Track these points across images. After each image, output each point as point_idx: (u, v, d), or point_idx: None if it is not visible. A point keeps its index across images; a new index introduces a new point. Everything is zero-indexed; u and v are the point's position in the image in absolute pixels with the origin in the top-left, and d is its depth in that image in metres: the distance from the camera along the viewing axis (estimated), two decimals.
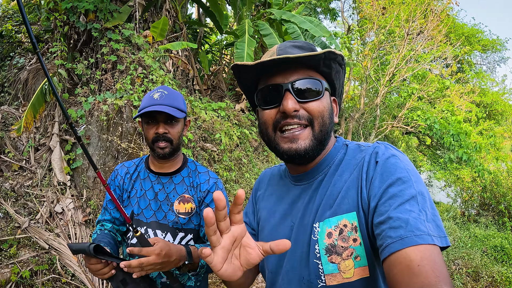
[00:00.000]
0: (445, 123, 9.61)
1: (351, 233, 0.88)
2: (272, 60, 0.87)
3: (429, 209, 0.79)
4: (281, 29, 6.52)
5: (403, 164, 0.87)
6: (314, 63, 0.94)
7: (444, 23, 10.66)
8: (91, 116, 4.54)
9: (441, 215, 10.27)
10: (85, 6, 4.78)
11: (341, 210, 0.90)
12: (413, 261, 0.70)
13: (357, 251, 0.86)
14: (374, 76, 11.01)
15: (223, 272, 0.73)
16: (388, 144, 0.96)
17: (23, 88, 5.94)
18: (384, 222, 0.79)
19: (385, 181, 0.85)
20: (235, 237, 0.74)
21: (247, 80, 1.02)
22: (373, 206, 0.84)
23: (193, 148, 4.79)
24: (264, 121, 0.98)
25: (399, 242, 0.73)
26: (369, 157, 0.93)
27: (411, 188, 0.81)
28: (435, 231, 0.75)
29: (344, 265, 0.87)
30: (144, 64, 4.84)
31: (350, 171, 0.95)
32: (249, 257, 0.76)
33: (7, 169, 4.71)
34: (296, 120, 0.92)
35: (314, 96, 0.94)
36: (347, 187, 0.92)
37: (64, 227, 4.22)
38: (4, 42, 7.23)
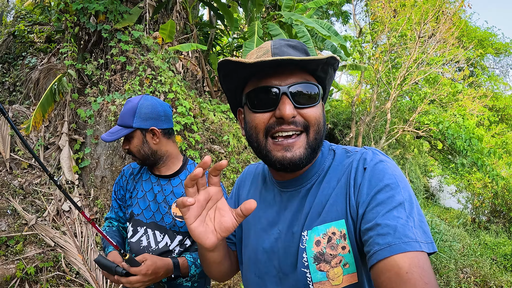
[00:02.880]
0: (457, 127, 9.49)
1: (340, 240, 0.87)
2: (274, 60, 0.81)
3: (416, 216, 0.78)
4: (292, 31, 6.50)
5: (391, 170, 0.86)
6: (313, 67, 0.90)
7: (456, 26, 10.53)
8: (99, 116, 4.58)
9: (451, 222, 10.13)
10: (96, 7, 4.82)
11: (329, 217, 0.89)
12: (401, 268, 0.70)
13: (345, 258, 0.86)
14: (385, 79, 10.93)
15: (195, 227, 0.79)
16: (376, 150, 0.95)
17: (34, 88, 6.03)
18: (372, 228, 0.78)
19: (373, 187, 0.84)
20: (210, 196, 0.81)
21: (235, 78, 0.94)
22: (361, 213, 0.83)
23: (201, 149, 4.79)
24: (254, 125, 0.91)
25: (387, 249, 0.73)
26: (356, 163, 0.91)
27: (399, 194, 0.80)
28: (422, 238, 0.74)
29: (333, 273, 0.86)
30: (153, 65, 4.87)
31: (338, 178, 0.92)
32: (223, 220, 0.81)
33: (16, 166, 4.77)
34: (293, 127, 0.87)
35: (311, 102, 0.89)
36: (335, 194, 0.90)
37: (70, 225, 4.26)
38: (16, 42, 7.35)
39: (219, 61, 0.88)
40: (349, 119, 11.82)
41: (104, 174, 4.49)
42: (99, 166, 4.53)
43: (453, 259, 5.92)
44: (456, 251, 6.38)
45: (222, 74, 0.95)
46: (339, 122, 12.52)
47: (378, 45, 11.21)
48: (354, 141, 10.71)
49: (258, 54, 0.94)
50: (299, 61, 0.83)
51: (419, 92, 11.20)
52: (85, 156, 4.68)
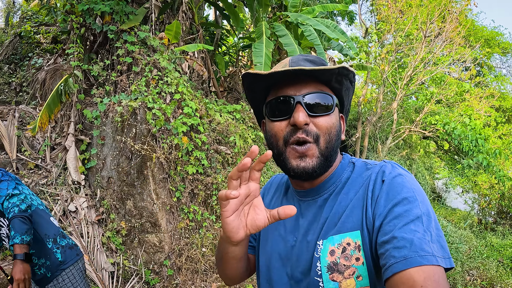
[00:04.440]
0: (463, 128, 9.42)
1: (354, 251, 0.87)
2: (285, 71, 0.86)
3: (434, 230, 0.78)
4: (297, 31, 6.48)
5: (410, 184, 0.86)
6: (327, 78, 0.93)
7: (462, 25, 10.46)
8: (106, 117, 4.58)
9: (458, 223, 10.07)
10: (101, 8, 4.83)
11: (345, 228, 0.89)
12: (416, 281, 0.70)
13: (359, 270, 0.86)
14: (391, 79, 10.87)
15: (230, 221, 0.82)
16: (395, 163, 0.95)
17: (40, 88, 6.05)
18: (388, 241, 0.78)
19: (390, 200, 0.84)
20: (250, 192, 0.83)
21: (256, 90, 1.00)
22: (378, 225, 0.83)
23: (207, 150, 4.78)
24: (274, 134, 0.95)
25: (403, 262, 0.73)
26: (375, 176, 0.91)
27: (416, 208, 0.81)
28: (439, 252, 0.74)
29: (346, 284, 0.86)
30: (159, 66, 4.86)
31: (356, 190, 0.93)
32: (256, 218, 0.83)
33: (23, 167, 4.78)
34: (304, 136, 0.90)
35: (324, 111, 0.92)
36: (352, 205, 0.91)
37: (77, 226, 4.27)
38: (23, 43, 7.38)
39: (242, 74, 0.94)
40: (355, 119, 11.77)
41: (111, 174, 4.49)
42: (106, 166, 4.54)
43: (460, 261, 5.87)
44: (463, 253, 6.33)
45: (245, 87, 1.02)
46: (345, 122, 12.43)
47: (384, 45, 11.16)
48: (360, 141, 10.67)
49: (277, 68, 0.97)
50: (310, 71, 0.87)
51: (425, 92, 11.14)
52: (91, 156, 4.68)
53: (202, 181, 4.64)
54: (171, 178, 4.50)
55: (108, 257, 4.20)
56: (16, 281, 1.99)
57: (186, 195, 4.58)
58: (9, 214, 2.10)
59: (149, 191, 4.37)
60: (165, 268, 4.31)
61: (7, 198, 2.14)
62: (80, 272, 2.37)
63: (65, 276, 2.28)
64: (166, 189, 4.48)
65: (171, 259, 4.37)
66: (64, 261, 2.29)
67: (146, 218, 4.36)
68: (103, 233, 4.38)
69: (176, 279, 4.28)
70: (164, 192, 4.46)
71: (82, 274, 2.40)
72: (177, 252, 4.40)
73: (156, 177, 4.41)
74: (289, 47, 5.36)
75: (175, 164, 4.49)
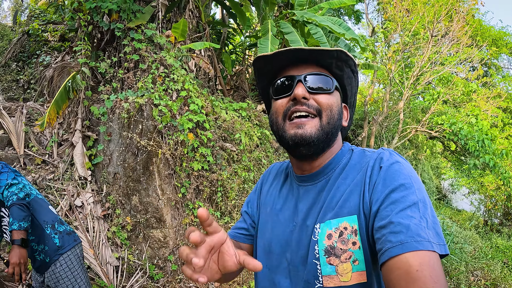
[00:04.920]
0: (470, 128, 9.36)
1: (351, 236, 0.88)
2: (287, 49, 0.93)
3: (430, 217, 0.79)
4: (304, 30, 6.48)
5: (407, 171, 0.88)
6: (327, 63, 0.98)
7: (469, 25, 10.39)
8: (112, 114, 4.62)
9: (463, 224, 10.01)
10: (109, 6, 4.87)
11: (342, 212, 0.91)
12: (412, 266, 0.71)
13: (355, 254, 0.88)
14: (398, 79, 10.83)
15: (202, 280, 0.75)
16: (393, 151, 0.97)
17: (48, 85, 6.11)
18: (385, 226, 0.79)
19: (388, 186, 0.85)
20: (212, 246, 0.74)
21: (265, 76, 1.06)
22: (375, 210, 0.85)
23: (213, 147, 4.81)
24: (275, 110, 1.01)
25: (399, 247, 0.74)
26: (373, 162, 0.93)
27: (413, 194, 0.82)
28: (435, 239, 0.75)
29: (342, 268, 0.88)
30: (165, 63, 4.90)
31: (354, 175, 0.95)
32: (226, 264, 0.77)
33: (30, 162, 4.84)
34: (305, 108, 0.94)
35: (323, 90, 0.97)
36: (349, 190, 0.93)
37: (82, 221, 4.31)
38: (31, 41, 7.46)
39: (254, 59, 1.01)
40: (362, 119, 11.73)
41: (117, 170, 4.53)
42: (112, 162, 4.58)
43: (464, 261, 5.85)
44: (467, 254, 6.31)
45: (256, 74, 1.08)
46: (351, 121, 12.38)
47: (390, 45, 11.12)
48: (367, 141, 10.64)
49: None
50: (309, 52, 0.94)
51: (432, 92, 11.07)
52: (98, 152, 4.73)
53: (207, 178, 4.67)
54: (177, 174, 4.53)
55: (113, 251, 4.24)
56: (11, 264, 2.09)
57: (191, 191, 4.61)
58: (8, 202, 2.20)
59: (154, 187, 4.40)
60: (169, 263, 4.35)
61: (6, 187, 2.25)
62: (77, 258, 2.45)
63: (62, 261, 2.36)
64: (172, 185, 4.51)
65: (175, 254, 4.40)
66: (62, 246, 2.38)
67: (151, 214, 4.40)
68: (108, 228, 4.42)
69: (180, 274, 4.31)
70: (170, 188, 4.49)
71: (80, 259, 2.48)
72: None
73: (161, 173, 4.44)
74: (295, 44, 5.36)
75: (181, 160, 4.52)
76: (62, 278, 2.35)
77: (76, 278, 2.40)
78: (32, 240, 2.34)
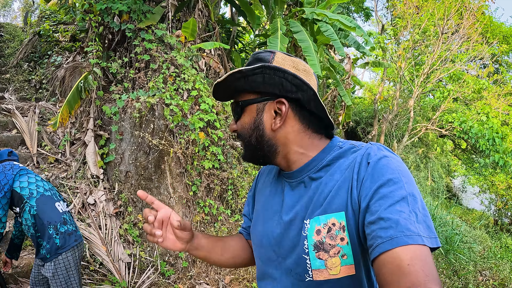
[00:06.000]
0: (480, 126, 9.27)
1: (339, 232, 0.90)
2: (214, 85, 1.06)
3: (420, 210, 0.79)
4: (313, 28, 6.47)
5: (395, 166, 0.87)
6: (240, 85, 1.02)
7: (480, 22, 10.28)
8: (124, 113, 4.68)
9: (473, 223, 9.92)
10: (119, 7, 4.92)
11: (330, 209, 0.92)
12: (403, 260, 0.71)
13: (344, 249, 0.89)
14: (408, 76, 10.76)
15: (165, 246, 1.07)
16: (381, 145, 0.97)
17: (60, 85, 6.19)
18: (374, 222, 0.79)
19: (376, 181, 0.85)
20: (161, 220, 1.05)
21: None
22: (364, 206, 0.85)
23: (223, 146, 4.84)
24: None
25: (389, 242, 0.74)
26: (360, 158, 0.93)
27: (401, 189, 0.82)
28: (425, 232, 0.76)
29: (331, 262, 0.90)
30: (176, 63, 4.94)
31: (342, 171, 0.95)
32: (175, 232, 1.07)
33: (43, 161, 4.92)
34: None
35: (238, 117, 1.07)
36: (338, 186, 0.93)
37: (95, 218, 4.37)
38: (42, 41, 7.55)
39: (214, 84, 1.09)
40: (372, 117, 11.69)
41: (128, 169, 4.59)
42: (124, 161, 4.64)
43: (473, 261, 5.80)
44: (476, 253, 6.26)
45: None
46: (362, 119, 12.42)
47: (400, 42, 11.05)
48: (377, 139, 10.59)
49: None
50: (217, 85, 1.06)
51: (442, 89, 10.98)
52: (110, 151, 4.79)
53: (218, 176, 4.70)
54: (188, 172, 4.58)
55: (125, 248, 4.30)
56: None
57: (202, 190, 4.65)
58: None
59: (166, 185, 4.45)
60: (180, 260, 4.39)
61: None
62: (75, 258, 2.65)
63: (60, 260, 2.55)
64: (183, 183, 4.56)
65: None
66: (62, 246, 2.56)
67: None
68: (120, 225, 4.48)
69: (191, 271, 4.35)
70: (181, 186, 4.54)
71: (77, 260, 2.68)
72: None
73: (173, 172, 4.49)
74: (304, 43, 5.37)
75: (192, 159, 4.56)
76: (57, 274, 2.56)
77: (70, 277, 2.61)
78: (38, 236, 2.55)
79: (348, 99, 7.12)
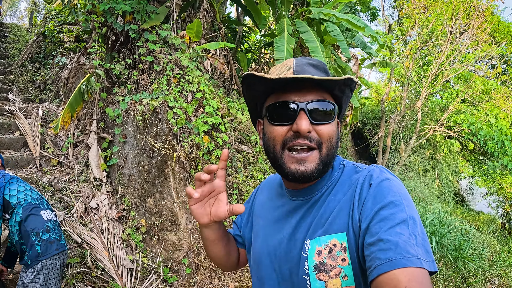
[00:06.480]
0: (489, 128, 9.14)
1: (340, 252, 0.89)
2: (294, 78, 0.88)
3: (419, 234, 0.80)
4: (320, 28, 6.38)
5: (396, 188, 0.88)
6: (330, 86, 0.95)
7: (488, 22, 10.13)
8: (127, 115, 4.60)
9: (481, 228, 9.78)
10: (123, 7, 4.84)
11: (332, 229, 0.92)
12: (400, 282, 0.71)
13: (345, 270, 0.88)
14: (416, 77, 10.63)
15: (194, 208, 1.01)
16: (383, 168, 0.97)
17: (64, 86, 6.14)
18: (373, 243, 0.79)
19: (377, 203, 0.85)
20: (214, 188, 0.99)
21: (257, 90, 1.00)
22: (364, 227, 0.85)
23: (228, 149, 4.75)
24: (273, 137, 0.97)
25: (388, 264, 0.74)
26: (363, 179, 0.93)
27: (402, 212, 0.82)
28: (424, 256, 0.76)
29: (332, 283, 0.89)
30: (180, 64, 4.85)
31: (344, 192, 0.96)
32: (218, 210, 1.00)
33: (46, 164, 4.86)
34: (307, 142, 0.92)
35: (326, 119, 0.94)
36: (339, 207, 0.93)
37: (98, 222, 4.30)
38: (47, 42, 7.51)
39: (244, 74, 0.95)
40: (379, 118, 11.59)
41: (132, 172, 4.51)
42: (127, 164, 4.56)
43: (481, 268, 5.67)
44: (485, 260, 6.12)
45: (245, 86, 1.02)
46: (368, 121, 12.34)
47: (407, 42, 10.92)
48: (384, 140, 10.49)
49: (280, 70, 1.00)
50: (317, 80, 0.89)
51: (451, 90, 10.85)
52: (113, 154, 4.72)
53: None
54: (192, 177, 4.49)
55: (128, 254, 4.22)
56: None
57: None
58: None
59: (169, 190, 4.37)
60: (183, 267, 4.31)
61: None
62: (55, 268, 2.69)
63: (40, 266, 2.60)
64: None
65: (189, 257, 4.37)
66: (42, 254, 2.61)
67: (166, 217, 4.37)
68: (123, 230, 4.41)
69: (194, 278, 4.27)
70: (185, 191, 4.46)
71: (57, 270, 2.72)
72: (196, 251, 4.39)
73: (176, 176, 4.41)
74: (311, 43, 5.27)
75: (196, 163, 4.47)
76: (35, 281, 2.60)
77: (47, 285, 2.65)
78: (22, 243, 2.62)
79: (356, 100, 7.02)
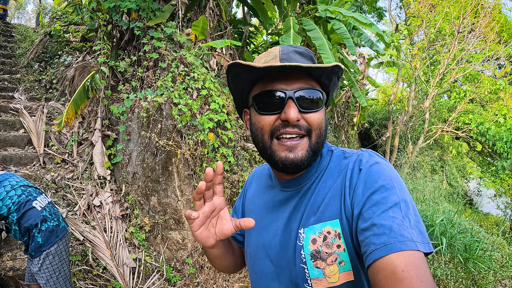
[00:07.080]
0: (498, 128, 9.01)
1: (335, 239, 0.89)
2: (282, 66, 0.86)
3: (412, 216, 0.79)
4: (327, 26, 6.31)
5: (387, 172, 0.88)
6: (318, 74, 0.94)
7: (496, 21, 10.01)
8: (132, 113, 4.56)
9: (490, 229, 9.63)
10: (128, 5, 4.81)
11: (324, 217, 0.92)
12: (397, 266, 0.70)
13: (341, 256, 0.88)
14: (423, 77, 10.52)
15: (198, 234, 0.92)
16: (372, 152, 0.97)
17: (69, 85, 6.13)
18: (367, 229, 0.79)
19: (368, 188, 0.85)
20: (215, 206, 0.92)
21: (243, 79, 0.98)
22: (357, 213, 0.85)
23: (234, 147, 4.69)
24: (261, 127, 0.96)
25: (383, 248, 0.74)
26: (352, 165, 0.93)
27: (394, 195, 0.82)
28: (418, 238, 0.75)
29: (329, 270, 0.89)
30: (185, 61, 4.81)
31: (334, 179, 0.95)
32: (223, 228, 0.93)
33: (50, 161, 4.83)
34: (296, 130, 0.92)
35: (314, 107, 0.93)
36: (330, 194, 0.93)
37: (100, 220, 4.26)
38: (53, 41, 7.52)
39: (229, 63, 0.92)
40: (386, 119, 11.49)
41: (136, 170, 4.47)
42: (131, 162, 4.52)
43: (493, 270, 5.55)
44: (496, 261, 5.99)
45: (230, 75, 0.99)
46: (376, 121, 12.25)
47: (415, 42, 10.81)
48: (391, 141, 10.38)
49: (266, 58, 0.98)
50: (306, 68, 0.88)
51: (459, 90, 10.73)
52: (117, 152, 4.68)
53: (228, 179, 4.55)
54: (197, 175, 4.44)
55: (130, 252, 4.17)
56: None
57: None
58: None
59: (173, 188, 4.32)
60: (187, 266, 4.25)
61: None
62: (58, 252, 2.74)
63: (45, 254, 2.67)
64: (191, 186, 4.42)
65: (193, 257, 4.31)
66: (44, 244, 2.66)
67: (170, 215, 4.31)
68: (126, 228, 4.36)
69: (198, 278, 4.20)
70: (189, 189, 4.40)
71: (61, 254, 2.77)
72: (200, 250, 4.33)
73: (181, 174, 4.35)
74: (318, 41, 5.21)
75: (201, 160, 4.42)
76: (43, 268, 2.67)
77: (55, 271, 2.71)
78: (25, 240, 2.68)
79: (363, 100, 6.93)
